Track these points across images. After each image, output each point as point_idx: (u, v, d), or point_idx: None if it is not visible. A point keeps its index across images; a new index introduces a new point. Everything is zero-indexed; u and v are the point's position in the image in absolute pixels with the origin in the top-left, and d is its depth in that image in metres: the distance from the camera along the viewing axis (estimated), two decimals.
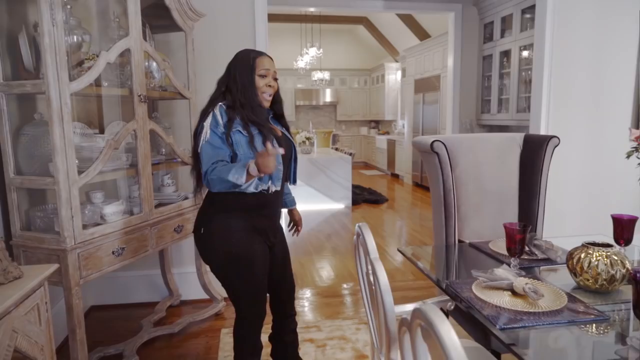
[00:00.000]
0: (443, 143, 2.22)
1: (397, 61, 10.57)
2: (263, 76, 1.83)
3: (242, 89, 1.80)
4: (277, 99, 1.94)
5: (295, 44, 10.33)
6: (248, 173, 1.62)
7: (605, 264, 1.53)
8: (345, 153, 7.21)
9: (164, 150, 2.83)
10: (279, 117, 2.01)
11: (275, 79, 1.89)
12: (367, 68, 12.16)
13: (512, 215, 2.39)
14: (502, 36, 4.78)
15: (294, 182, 2.08)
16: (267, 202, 1.87)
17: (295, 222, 2.26)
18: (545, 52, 3.49)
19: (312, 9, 5.86)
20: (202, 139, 1.76)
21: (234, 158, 1.78)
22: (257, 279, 1.87)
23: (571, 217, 3.56)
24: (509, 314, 1.36)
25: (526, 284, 1.48)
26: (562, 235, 2.54)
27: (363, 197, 7.13)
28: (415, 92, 8.39)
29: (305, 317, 3.03)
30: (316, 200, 6.51)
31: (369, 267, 1.37)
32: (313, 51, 8.63)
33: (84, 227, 2.08)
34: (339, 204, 6.64)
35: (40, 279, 1.46)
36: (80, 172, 2.04)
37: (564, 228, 3.50)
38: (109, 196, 2.50)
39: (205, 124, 1.78)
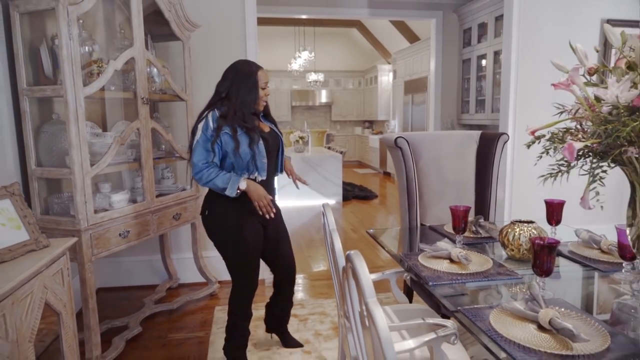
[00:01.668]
0: (406, 139, 2.56)
1: (389, 63, 10.90)
2: (262, 88, 2.21)
3: (242, 100, 2.14)
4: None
5: (290, 47, 10.67)
6: (239, 189, 2.09)
7: (526, 237, 1.86)
8: (336, 152, 7.54)
9: (163, 146, 3.16)
10: (267, 116, 2.39)
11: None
12: (361, 70, 12.50)
13: (469, 202, 2.73)
14: (479, 41, 5.12)
15: (281, 171, 2.44)
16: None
17: (289, 172, 2.46)
18: (512, 56, 3.83)
19: (303, 16, 6.17)
20: (195, 139, 2.15)
21: (224, 155, 2.16)
22: (248, 253, 2.25)
23: (536, 205, 3.88)
24: (443, 276, 1.70)
25: (460, 252, 1.82)
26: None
27: (354, 193, 7.46)
28: (404, 93, 8.72)
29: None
30: (308, 196, 6.83)
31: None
32: (305, 55, 8.96)
33: (95, 212, 2.41)
34: (330, 200, 6.97)
35: (63, 248, 1.80)
36: (92, 165, 2.38)
37: (530, 215, 3.82)
38: (116, 187, 2.84)
39: (199, 126, 2.15)
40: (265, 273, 3.72)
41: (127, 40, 2.77)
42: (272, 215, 2.17)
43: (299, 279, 3.76)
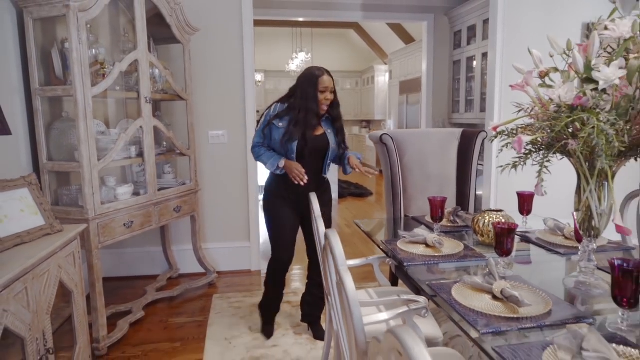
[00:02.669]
0: (390, 136, 2.75)
1: (385, 64, 11.10)
2: (322, 92, 2.40)
3: (303, 98, 2.40)
4: (334, 106, 2.50)
5: (289, 48, 10.87)
6: (279, 167, 2.43)
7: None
8: None
9: (165, 143, 3.35)
10: (334, 120, 2.54)
11: (332, 92, 2.45)
12: (359, 70, 12.69)
13: (451, 195, 2.92)
14: (468, 43, 5.31)
15: (325, 173, 2.60)
16: (292, 184, 2.42)
17: (355, 167, 2.48)
18: (497, 58, 4.02)
19: (300, 19, 6.35)
20: (259, 123, 2.58)
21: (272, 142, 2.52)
22: (277, 231, 2.59)
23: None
24: (417, 258, 1.89)
25: (434, 238, 2.01)
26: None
27: (349, 191, 7.65)
28: (400, 93, 8.91)
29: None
30: None
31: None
32: (302, 56, 9.16)
33: (102, 203, 2.60)
34: None
35: (75, 233, 1.99)
36: (99, 159, 2.57)
37: (514, 207, 4.02)
38: (121, 181, 3.03)
39: (264, 113, 2.54)
40: (261, 265, 3.92)
41: (131, 43, 2.96)
42: (304, 182, 2.36)
43: (297, 269, 3.93)
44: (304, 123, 2.39)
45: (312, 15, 5.53)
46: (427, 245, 2.02)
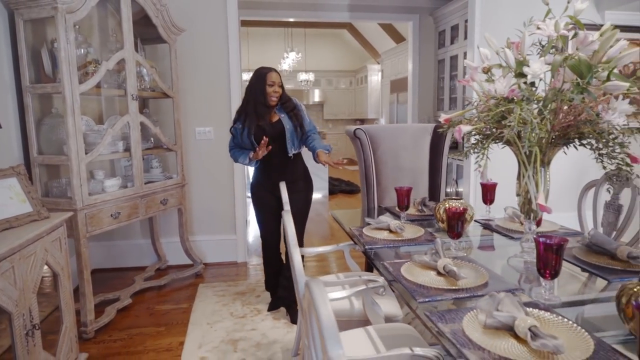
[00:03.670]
0: (364, 131, 2.90)
1: (378, 63, 11.24)
2: (271, 85, 2.72)
3: (252, 92, 2.74)
4: (285, 99, 2.82)
5: (282, 48, 11.01)
6: (250, 158, 2.74)
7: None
8: None
9: (152, 139, 3.49)
10: (288, 110, 2.82)
11: (281, 87, 2.77)
12: (352, 69, 12.84)
13: (423, 187, 3.06)
14: (451, 43, 5.45)
15: (290, 152, 2.82)
16: (265, 169, 2.84)
17: (321, 162, 2.71)
18: (475, 58, 4.16)
19: (291, 19, 6.50)
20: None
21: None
22: (260, 216, 2.96)
23: (499, 193, 4.23)
24: (379, 242, 2.03)
25: (396, 224, 2.15)
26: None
27: (340, 188, 7.80)
28: (390, 92, 9.05)
29: None
30: None
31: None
32: (293, 55, 9.30)
33: (89, 194, 2.74)
34: (317, 194, 7.29)
35: (61, 219, 2.13)
36: (87, 153, 2.71)
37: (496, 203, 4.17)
38: (110, 175, 3.18)
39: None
40: (247, 257, 4.07)
41: (119, 43, 3.10)
42: (263, 151, 2.63)
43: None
44: (254, 113, 2.72)
45: (302, 15, 5.67)
46: (391, 231, 2.17)
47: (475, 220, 2.40)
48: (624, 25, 4.45)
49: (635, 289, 1.14)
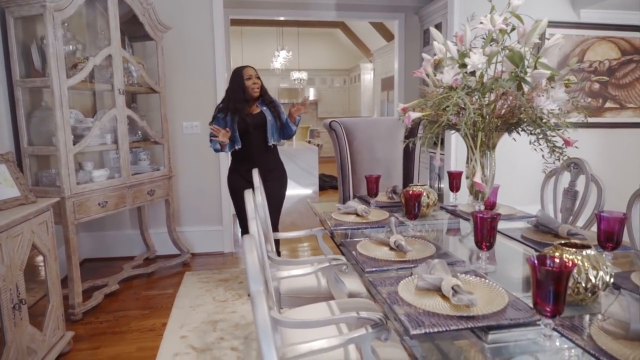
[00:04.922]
0: (339, 123, 3.04)
1: (371, 62, 11.38)
2: (249, 78, 2.93)
3: (232, 89, 2.96)
4: (263, 92, 3.03)
5: (275, 46, 11.15)
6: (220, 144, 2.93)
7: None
8: (313, 145, 8.02)
9: (139, 132, 3.63)
10: (267, 103, 3.04)
11: (258, 78, 2.98)
12: (346, 68, 12.98)
13: (397, 176, 3.21)
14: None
15: (269, 142, 3.01)
16: (243, 157, 3.01)
17: (292, 114, 3.04)
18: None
19: (281, 18, 6.64)
20: None
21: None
22: (236, 201, 3.07)
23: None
24: (345, 224, 2.17)
25: (363, 209, 2.30)
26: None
27: (330, 184, 7.94)
28: (381, 90, 9.20)
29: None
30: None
31: None
32: (283, 54, 9.44)
33: (78, 184, 2.89)
34: (308, 190, 7.44)
35: (48, 204, 2.28)
36: (74, 144, 2.85)
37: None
38: (99, 166, 3.32)
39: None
40: (233, 247, 4.21)
41: (107, 40, 3.24)
42: (223, 133, 2.82)
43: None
44: (234, 107, 2.93)
45: (292, 14, 5.82)
46: (358, 215, 2.31)
47: (441, 207, 2.54)
48: (599, 23, 4.61)
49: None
